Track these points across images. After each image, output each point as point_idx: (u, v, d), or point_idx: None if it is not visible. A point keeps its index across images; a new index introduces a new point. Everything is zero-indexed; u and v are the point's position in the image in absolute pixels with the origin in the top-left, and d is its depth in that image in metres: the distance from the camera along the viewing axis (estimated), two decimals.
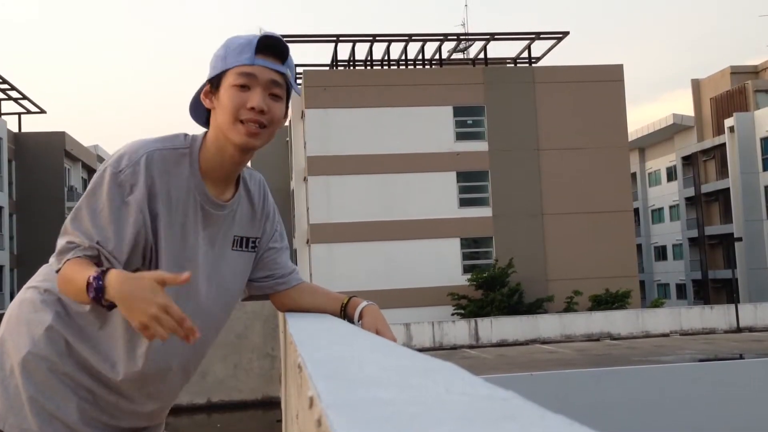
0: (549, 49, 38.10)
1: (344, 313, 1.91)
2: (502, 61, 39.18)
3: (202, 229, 1.76)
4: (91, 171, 47.37)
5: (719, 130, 45.79)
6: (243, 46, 1.70)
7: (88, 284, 1.51)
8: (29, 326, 1.72)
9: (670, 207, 52.15)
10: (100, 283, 1.50)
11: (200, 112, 1.80)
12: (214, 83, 1.72)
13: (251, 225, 1.89)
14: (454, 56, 39.70)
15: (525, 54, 37.91)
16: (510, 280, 32.19)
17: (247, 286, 1.96)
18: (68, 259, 1.61)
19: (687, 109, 77.57)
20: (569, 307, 32.21)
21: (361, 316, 1.86)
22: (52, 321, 1.71)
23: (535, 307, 32.08)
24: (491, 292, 31.84)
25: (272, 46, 1.73)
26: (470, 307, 31.49)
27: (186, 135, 1.78)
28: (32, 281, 1.82)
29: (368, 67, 37.64)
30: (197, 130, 1.86)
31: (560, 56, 79.48)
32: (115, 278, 1.50)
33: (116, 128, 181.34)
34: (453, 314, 31.87)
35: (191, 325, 1.44)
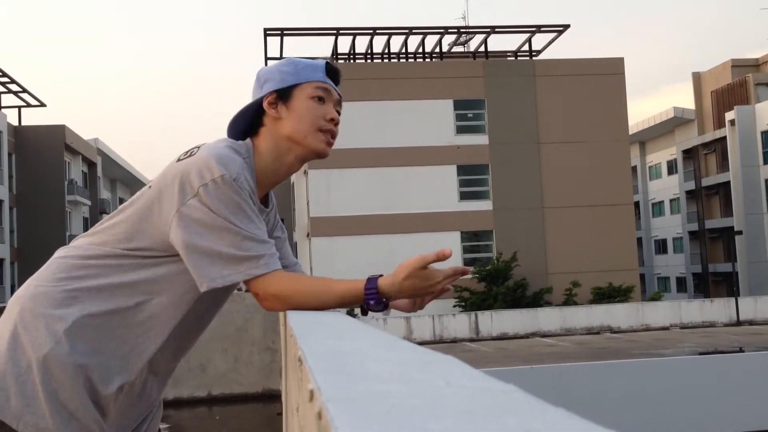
0: (549, 43, 38.05)
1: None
2: (502, 54, 39.14)
3: None
4: (91, 164, 47.37)
5: (720, 123, 45.76)
6: (315, 66, 1.84)
7: (371, 305, 1.69)
8: (48, 322, 1.67)
9: (671, 200, 52.16)
10: (374, 290, 1.66)
11: (240, 124, 1.84)
12: (281, 95, 1.79)
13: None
14: (455, 49, 39.65)
15: (525, 47, 37.88)
16: (513, 273, 32.26)
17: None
18: (275, 266, 1.66)
19: (688, 102, 77.52)
20: (569, 299, 32.26)
21: None
22: (76, 319, 1.67)
23: (537, 299, 32.13)
24: (494, 285, 31.90)
25: (335, 72, 1.87)
26: (472, 299, 31.53)
27: (242, 143, 1.80)
28: (45, 277, 1.74)
29: (368, 61, 37.60)
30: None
31: (561, 49, 79.60)
32: (390, 282, 1.68)
33: (116, 121, 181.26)
34: (455, 306, 31.93)
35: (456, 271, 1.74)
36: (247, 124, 1.84)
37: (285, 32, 35.04)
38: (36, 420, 1.63)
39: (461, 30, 37.01)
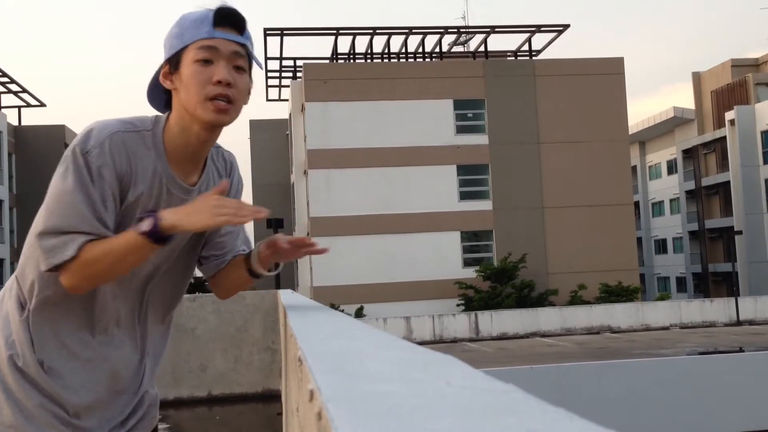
0: (549, 42, 38.04)
1: (250, 263, 1.88)
2: (502, 54, 39.13)
3: (153, 209, 1.71)
4: None
5: (720, 123, 45.75)
6: (199, 20, 1.64)
7: (143, 229, 1.56)
8: (4, 325, 1.73)
9: (671, 200, 52.14)
10: (152, 217, 1.57)
11: (158, 96, 1.75)
12: (173, 63, 1.66)
13: None
14: (455, 49, 39.64)
15: (525, 47, 37.88)
16: (519, 273, 32.29)
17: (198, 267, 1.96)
18: (80, 247, 1.57)
19: (687, 102, 77.51)
20: (574, 300, 32.27)
21: (266, 250, 1.86)
22: (21, 320, 1.71)
23: (542, 300, 32.16)
24: (499, 284, 31.92)
25: (229, 17, 1.66)
26: (477, 297, 31.53)
27: (149, 117, 1.72)
28: (9, 282, 1.79)
29: (368, 61, 37.58)
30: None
31: (561, 49, 79.65)
32: (169, 210, 1.60)
33: None
34: (458, 305, 31.96)
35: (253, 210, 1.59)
36: (163, 93, 1.74)
37: (285, 32, 35.02)
38: (1, 418, 1.69)
39: (461, 30, 36.99)
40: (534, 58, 37.46)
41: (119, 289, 1.74)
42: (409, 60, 37.44)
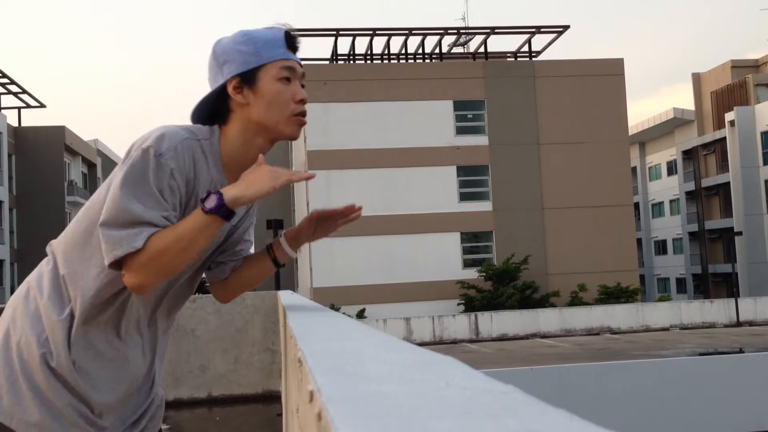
0: (549, 43, 38.06)
1: (273, 252, 1.93)
2: (502, 55, 39.15)
3: None
4: (91, 165, 47.36)
5: (720, 124, 45.76)
6: (275, 41, 1.74)
7: (210, 206, 1.57)
8: (35, 323, 1.71)
9: (671, 201, 52.15)
10: (216, 194, 1.58)
11: (203, 109, 1.78)
12: (245, 78, 1.71)
13: (240, 214, 1.90)
14: (455, 50, 39.67)
15: (525, 48, 37.90)
16: (521, 274, 32.31)
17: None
18: (148, 238, 1.56)
19: (687, 103, 77.51)
20: (574, 302, 32.28)
21: (294, 234, 1.92)
22: (60, 319, 1.69)
23: (544, 301, 32.18)
24: (501, 285, 31.94)
25: (294, 41, 1.78)
26: (480, 297, 31.53)
27: (205, 127, 1.75)
28: (36, 276, 1.78)
29: (368, 62, 37.60)
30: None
31: (561, 50, 79.58)
32: (228, 186, 1.62)
33: (116, 122, 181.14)
34: (459, 304, 31.98)
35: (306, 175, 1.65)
36: (211, 108, 1.77)
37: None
38: (26, 417, 1.67)
39: (461, 31, 37.02)
40: (534, 59, 37.48)
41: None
42: (409, 61, 37.45)
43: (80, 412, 1.70)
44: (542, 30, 36.45)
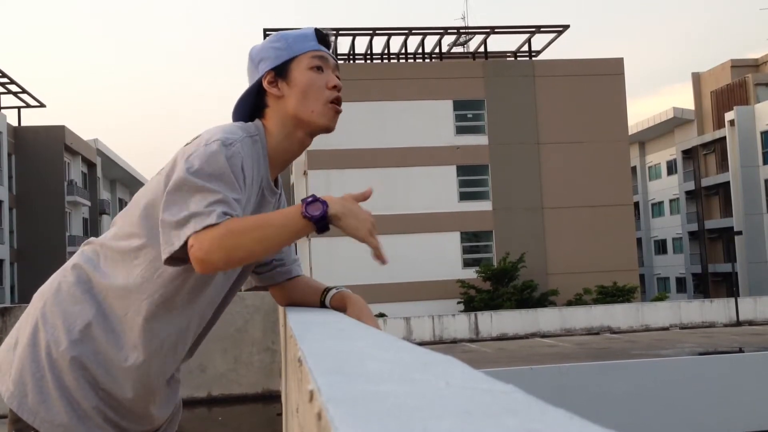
0: (549, 43, 38.06)
1: (324, 304, 1.93)
2: (502, 54, 39.15)
3: (252, 212, 1.73)
4: (90, 165, 47.36)
5: (719, 123, 45.77)
6: (305, 36, 1.79)
7: (313, 213, 1.55)
8: (66, 319, 1.66)
9: (670, 201, 52.16)
10: (322, 203, 1.56)
11: (243, 108, 1.80)
12: (279, 71, 1.75)
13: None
14: (454, 50, 39.66)
15: (525, 47, 37.90)
16: (519, 274, 32.31)
17: (250, 276, 1.96)
18: (224, 216, 1.51)
19: (687, 102, 77.50)
20: (576, 300, 32.29)
21: (345, 305, 1.87)
22: (92, 317, 1.66)
23: (543, 301, 32.18)
24: (500, 285, 31.95)
25: (326, 37, 1.82)
26: (479, 297, 31.54)
27: (252, 124, 1.75)
28: (68, 271, 1.72)
29: (368, 61, 37.59)
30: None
31: (560, 50, 79.54)
32: (331, 198, 1.60)
33: (116, 122, 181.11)
34: (459, 302, 31.98)
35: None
36: (250, 107, 1.80)
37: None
38: (51, 417, 1.64)
39: (461, 30, 37.01)
40: (534, 58, 37.47)
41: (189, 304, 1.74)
42: (409, 60, 37.45)
43: (106, 416, 1.68)
44: (542, 30, 36.45)
